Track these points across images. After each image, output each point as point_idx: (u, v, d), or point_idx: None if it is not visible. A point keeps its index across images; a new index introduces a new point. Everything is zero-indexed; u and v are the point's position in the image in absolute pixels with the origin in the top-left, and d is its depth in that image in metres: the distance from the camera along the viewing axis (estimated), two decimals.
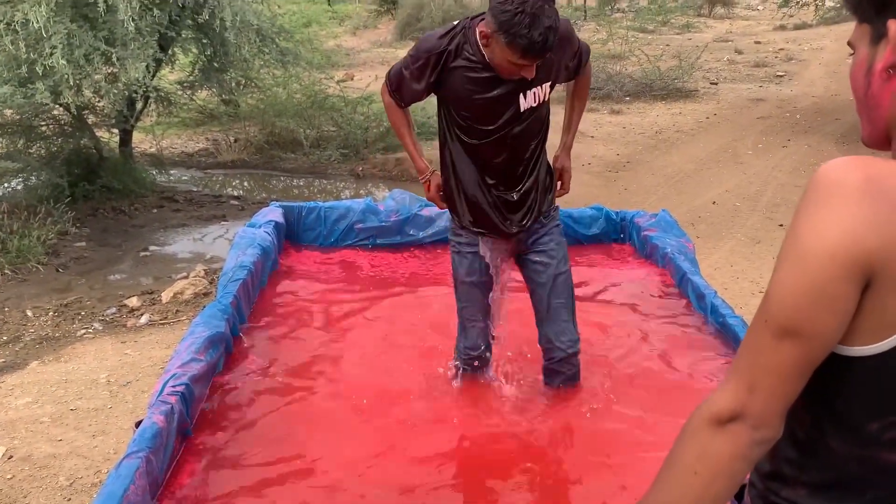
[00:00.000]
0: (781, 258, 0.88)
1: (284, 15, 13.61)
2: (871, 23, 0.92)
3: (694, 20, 26.77)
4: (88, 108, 7.63)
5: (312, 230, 4.33)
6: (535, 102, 2.36)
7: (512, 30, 2.04)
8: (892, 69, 0.90)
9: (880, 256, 0.81)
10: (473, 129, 2.40)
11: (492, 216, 2.54)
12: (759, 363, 0.90)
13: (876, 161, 0.85)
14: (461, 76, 2.30)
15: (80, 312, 5.16)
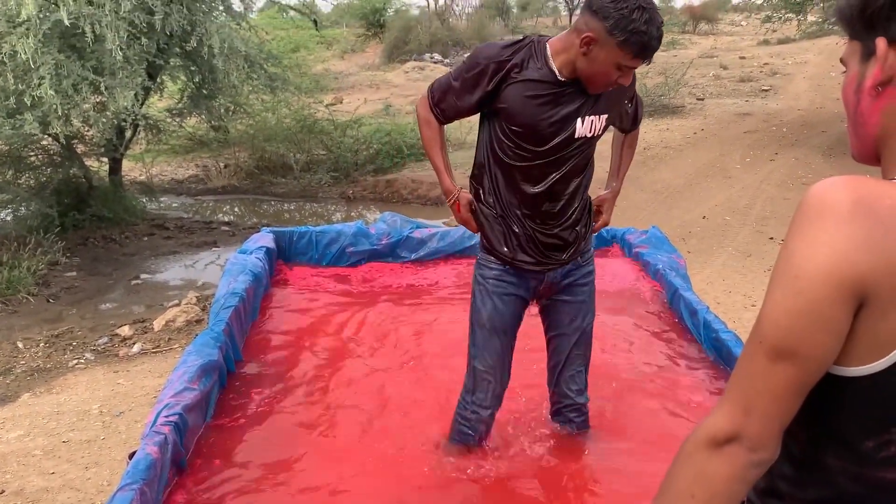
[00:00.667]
0: (774, 280, 0.88)
1: (272, 41, 13.71)
2: (862, 40, 0.93)
3: (679, 37, 27.06)
4: (77, 137, 7.64)
5: (304, 254, 4.32)
6: (590, 132, 2.23)
7: (630, 26, 1.93)
8: (881, 86, 0.91)
9: (873, 277, 0.81)
10: (522, 150, 2.23)
11: (528, 249, 2.34)
12: (754, 385, 0.89)
13: (866, 181, 0.85)
14: (522, 89, 2.17)
15: (71, 343, 5.13)
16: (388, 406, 2.98)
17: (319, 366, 3.31)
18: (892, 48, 0.88)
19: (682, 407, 2.92)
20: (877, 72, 0.90)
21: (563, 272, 2.41)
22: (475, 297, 2.43)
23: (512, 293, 2.38)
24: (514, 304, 2.40)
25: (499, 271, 2.37)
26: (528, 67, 2.17)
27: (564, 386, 2.55)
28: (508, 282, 2.37)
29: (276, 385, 3.13)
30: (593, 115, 2.21)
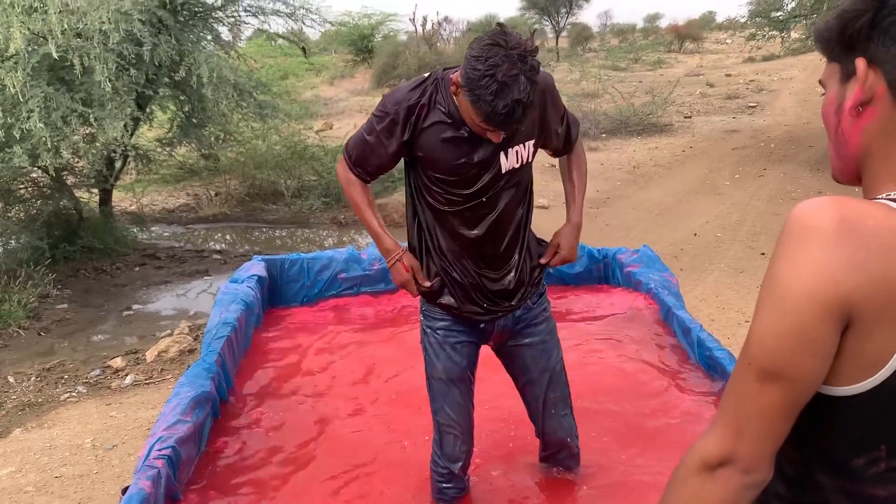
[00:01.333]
0: (761, 301, 0.88)
1: (262, 68, 13.78)
2: (841, 62, 0.94)
3: (665, 56, 27.35)
4: (67, 169, 7.63)
5: (296, 282, 4.31)
6: (518, 163, 2.08)
7: (476, 91, 1.81)
8: (861, 106, 0.92)
9: (858, 298, 0.82)
10: (450, 195, 2.09)
11: (476, 298, 2.19)
12: (745, 407, 0.89)
13: (849, 201, 0.85)
14: (436, 133, 2.02)
15: (63, 376, 5.08)
16: (382, 437, 2.96)
17: (313, 396, 3.28)
18: (871, 68, 0.90)
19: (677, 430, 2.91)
20: (857, 92, 0.91)
21: (513, 317, 2.27)
22: (426, 351, 2.30)
23: (464, 340, 2.26)
24: (467, 351, 2.28)
25: (447, 321, 2.24)
26: (436, 108, 2.03)
27: (552, 435, 2.43)
28: (458, 330, 2.25)
29: (269, 415, 3.10)
30: (517, 145, 2.06)
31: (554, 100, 2.15)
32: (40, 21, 5.82)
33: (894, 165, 0.92)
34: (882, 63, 0.89)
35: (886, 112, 0.90)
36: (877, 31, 0.88)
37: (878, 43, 0.89)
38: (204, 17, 8.29)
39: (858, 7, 0.90)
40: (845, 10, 0.92)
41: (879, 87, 0.90)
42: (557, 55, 28.61)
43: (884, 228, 0.83)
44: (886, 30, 0.88)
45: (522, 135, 2.06)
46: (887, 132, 0.91)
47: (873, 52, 0.89)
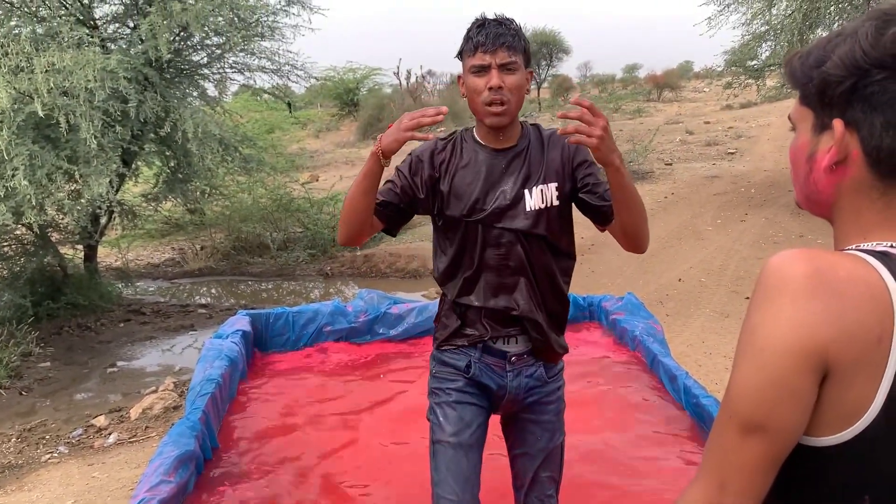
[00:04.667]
0: (740, 354, 0.89)
1: (247, 123, 13.91)
2: (815, 111, 0.95)
3: (644, 105, 27.85)
4: (51, 225, 7.62)
5: (281, 336, 4.29)
6: (543, 203, 2.00)
7: (466, 34, 1.96)
8: (835, 165, 0.94)
9: (834, 349, 0.83)
10: (471, 229, 2.03)
11: (484, 327, 2.07)
12: (727, 460, 0.89)
13: (820, 253, 0.87)
14: (466, 171, 2.03)
15: (44, 436, 5.00)
16: (373, 491, 2.92)
17: (298, 451, 3.24)
18: (848, 130, 0.92)
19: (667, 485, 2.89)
20: (833, 153, 0.93)
21: (526, 386, 2.11)
22: (434, 414, 2.12)
23: (475, 403, 2.10)
24: (478, 414, 2.11)
25: (460, 381, 2.10)
26: (462, 152, 2.06)
27: None
28: (471, 392, 2.10)
29: (254, 472, 3.06)
30: (540, 185, 2.01)
31: (586, 151, 2.04)
32: (26, 80, 5.87)
33: (863, 221, 0.94)
34: (859, 128, 0.90)
35: (858, 173, 0.92)
36: (857, 96, 0.90)
37: (856, 108, 0.90)
38: (190, 74, 8.39)
39: (841, 72, 0.90)
40: (827, 72, 0.92)
41: (854, 149, 0.91)
42: (539, 106, 29.08)
43: (855, 279, 0.85)
44: (867, 98, 0.89)
45: (539, 175, 2.01)
46: (858, 190, 0.93)
47: (851, 115, 0.91)
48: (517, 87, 1.95)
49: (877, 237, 0.93)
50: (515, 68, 1.93)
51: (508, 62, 1.91)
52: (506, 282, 2.04)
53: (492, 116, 1.94)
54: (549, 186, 2.02)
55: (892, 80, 0.87)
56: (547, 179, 2.03)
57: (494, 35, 1.91)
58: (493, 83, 1.91)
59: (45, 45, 6.35)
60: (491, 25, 1.93)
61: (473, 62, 1.93)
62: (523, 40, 1.96)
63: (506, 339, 2.08)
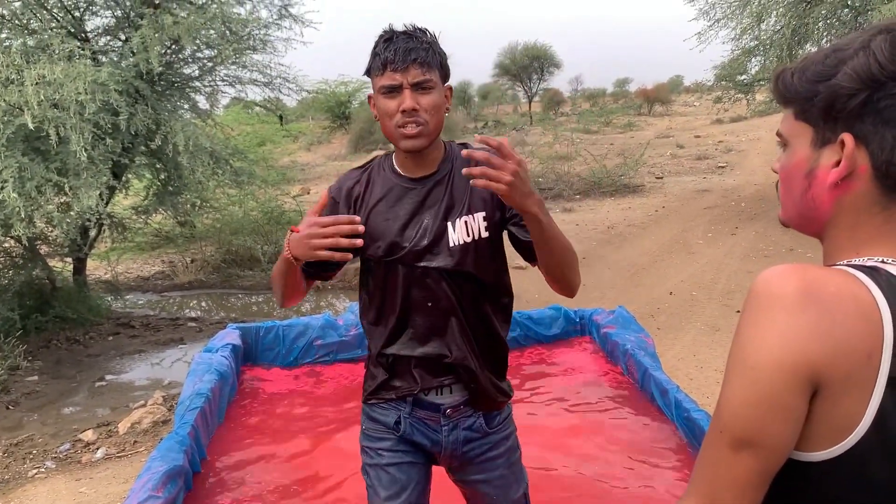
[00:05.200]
0: (730, 370, 0.89)
1: (238, 136, 13.90)
2: (815, 126, 0.95)
3: (635, 119, 28.02)
4: (40, 238, 7.57)
5: (271, 350, 4.26)
6: (469, 236, 1.78)
7: (373, 50, 1.74)
8: (841, 180, 0.93)
9: (824, 364, 0.83)
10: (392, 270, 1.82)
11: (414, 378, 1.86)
12: (717, 476, 0.89)
13: (810, 269, 0.87)
14: (381, 206, 1.83)
15: (31, 451, 4.94)
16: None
17: (287, 467, 3.22)
18: (858, 147, 0.91)
19: None
20: (843, 167, 0.92)
21: (465, 439, 1.90)
22: (368, 474, 1.93)
23: (411, 461, 1.91)
24: (417, 471, 1.92)
25: (390, 440, 1.91)
26: (379, 182, 1.85)
27: None
28: (403, 450, 1.90)
29: (243, 487, 3.03)
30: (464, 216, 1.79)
31: None
32: (16, 92, 5.85)
33: (858, 236, 0.95)
34: (869, 142, 0.90)
35: (864, 188, 0.92)
36: (868, 109, 0.89)
37: (867, 122, 0.90)
38: (181, 86, 8.39)
39: (855, 84, 0.90)
40: (839, 86, 0.91)
41: (862, 165, 0.91)
42: (531, 119, 29.20)
43: (844, 295, 0.85)
44: (880, 111, 0.89)
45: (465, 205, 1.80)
46: (859, 206, 0.94)
47: (860, 129, 0.90)
48: (434, 107, 1.73)
49: (868, 252, 0.93)
50: (431, 86, 1.72)
51: (422, 80, 1.71)
52: (436, 325, 1.82)
53: (406, 140, 1.72)
54: (474, 217, 1.80)
55: None
56: (472, 209, 1.80)
57: (404, 50, 1.69)
58: (406, 105, 1.70)
59: (36, 57, 6.34)
60: (400, 39, 1.71)
61: (383, 82, 1.72)
62: (438, 53, 1.75)
63: (438, 390, 1.87)
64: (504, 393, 1.94)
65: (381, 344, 1.87)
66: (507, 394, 1.95)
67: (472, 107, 33.72)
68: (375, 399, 1.92)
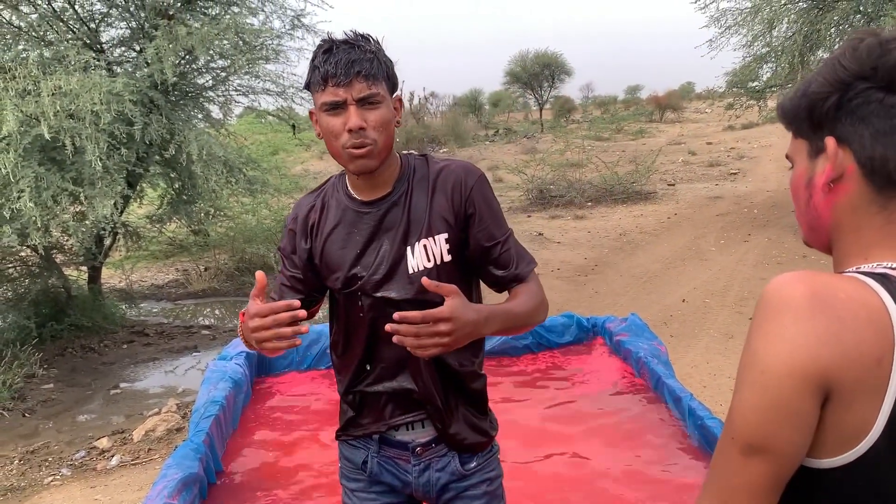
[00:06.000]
0: (741, 376, 0.90)
1: (251, 145, 13.98)
2: (809, 139, 0.99)
3: (646, 126, 27.95)
4: (56, 247, 7.64)
5: (285, 357, 4.29)
6: (430, 261, 1.63)
7: (311, 62, 1.58)
8: (832, 183, 0.96)
9: (834, 370, 0.84)
10: (353, 301, 1.69)
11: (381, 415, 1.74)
12: (730, 483, 0.90)
13: (819, 275, 0.88)
14: (336, 234, 1.69)
15: (47, 458, 4.98)
16: None
17: (304, 477, 3.23)
18: (841, 146, 0.94)
19: None
20: (829, 169, 0.95)
21: (438, 482, 1.75)
22: None
23: (387, 502, 1.82)
24: None
25: (363, 481, 1.81)
26: (332, 205, 1.72)
27: None
28: (378, 491, 1.81)
29: (258, 496, 3.05)
30: (423, 239, 1.63)
31: (482, 200, 1.66)
32: (33, 103, 5.92)
33: (864, 239, 0.96)
34: (851, 142, 0.93)
35: (856, 188, 0.94)
36: (843, 111, 0.93)
37: (845, 123, 0.93)
38: (195, 96, 8.46)
39: (826, 89, 0.94)
40: (813, 91, 0.96)
41: (849, 164, 0.94)
42: (542, 127, 29.21)
43: (854, 301, 0.86)
44: (853, 111, 0.92)
45: (423, 226, 1.64)
46: (857, 207, 0.95)
47: (841, 131, 0.94)
48: (383, 123, 1.57)
49: (877, 257, 0.94)
50: (378, 101, 1.56)
51: (368, 95, 1.54)
52: (402, 357, 1.64)
53: (355, 161, 1.57)
54: (435, 240, 1.63)
55: (873, 90, 0.91)
56: (433, 230, 1.63)
57: (346, 63, 1.52)
58: (352, 124, 1.54)
59: (52, 68, 6.41)
60: (341, 50, 1.53)
61: (324, 98, 1.55)
62: (384, 63, 1.57)
63: (409, 426, 1.73)
64: (483, 432, 1.76)
65: (349, 380, 1.74)
66: (486, 433, 1.77)
67: (484, 114, 33.76)
68: (345, 436, 1.81)
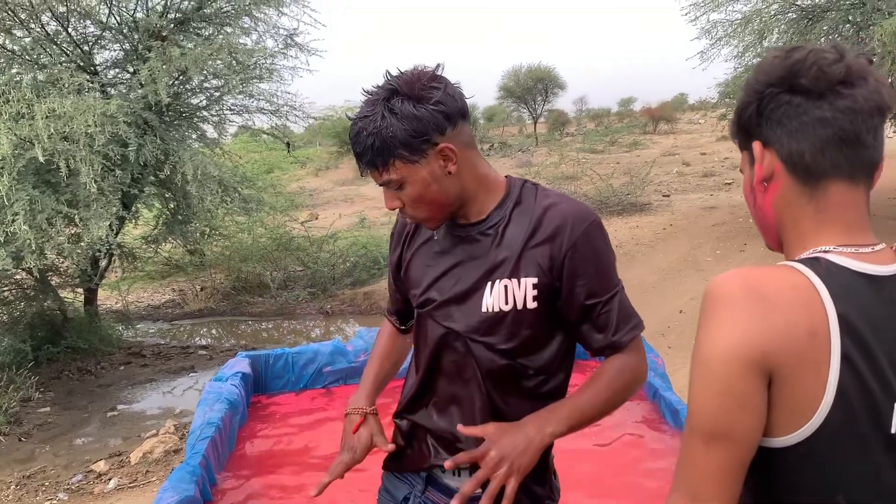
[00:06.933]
0: (693, 372, 0.96)
1: (246, 164, 14.01)
2: (747, 148, 1.09)
3: (640, 138, 28.04)
4: (51, 269, 7.63)
5: (281, 378, 4.27)
6: (507, 304, 1.45)
7: None
8: (766, 183, 1.06)
9: (771, 350, 0.91)
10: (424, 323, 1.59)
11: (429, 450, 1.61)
12: (696, 470, 0.95)
13: (753, 270, 0.97)
14: (425, 249, 1.59)
15: (43, 483, 4.95)
16: None
17: (297, 498, 3.21)
18: (767, 149, 1.04)
19: None
20: (758, 169, 1.06)
21: None
22: None
23: None
24: None
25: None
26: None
27: None
28: None
29: None
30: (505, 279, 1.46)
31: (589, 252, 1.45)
32: (27, 126, 5.93)
33: (801, 230, 1.05)
34: (773, 143, 1.03)
35: (785, 184, 1.04)
36: (763, 117, 1.03)
37: (765, 128, 1.03)
38: (189, 116, 8.48)
39: (746, 100, 1.05)
40: (739, 104, 1.08)
41: (776, 164, 1.03)
42: (536, 140, 29.31)
43: (783, 285, 0.94)
44: (770, 115, 1.02)
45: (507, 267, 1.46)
46: (790, 202, 1.04)
47: (764, 135, 1.04)
48: (416, 199, 1.45)
49: (813, 244, 1.02)
50: (400, 182, 1.43)
51: (384, 182, 1.44)
52: (458, 395, 1.54)
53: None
54: (521, 282, 1.45)
55: (782, 94, 1.01)
56: (520, 271, 1.45)
57: (357, 154, 1.44)
58: (387, 206, 1.49)
59: (46, 91, 6.43)
60: (355, 136, 1.43)
61: None
62: (390, 137, 1.38)
63: (457, 472, 1.57)
64: (537, 499, 1.54)
65: (404, 404, 1.66)
66: (539, 499, 1.55)
67: (478, 129, 33.90)
68: (391, 464, 1.70)
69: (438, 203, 1.46)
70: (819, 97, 0.98)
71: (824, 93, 0.98)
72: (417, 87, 1.39)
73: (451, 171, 1.43)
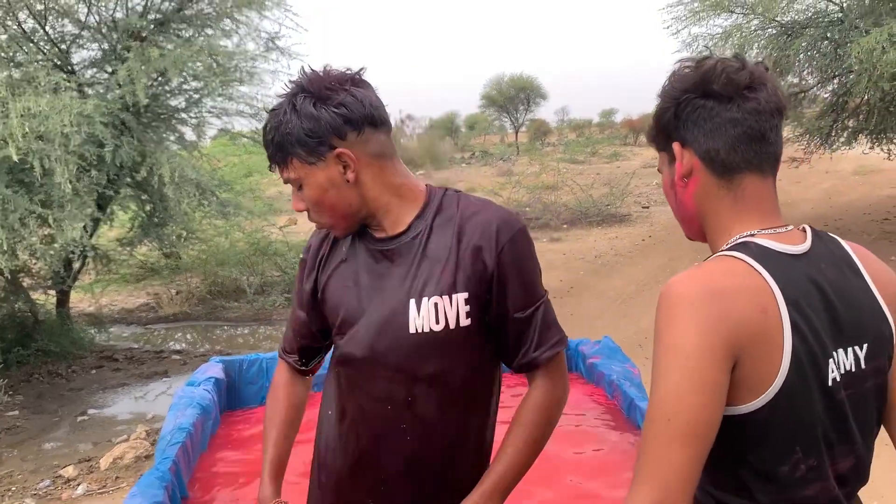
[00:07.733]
0: (663, 368, 1.01)
1: (225, 167, 13.91)
2: (666, 150, 1.19)
3: (621, 149, 28.23)
4: (23, 270, 7.51)
5: (255, 384, 4.21)
6: (438, 323, 1.34)
7: None
8: (686, 179, 1.16)
9: (734, 336, 1.00)
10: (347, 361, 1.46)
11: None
12: (668, 462, 0.99)
13: (700, 269, 1.07)
14: (342, 270, 1.47)
15: (10, 488, 4.85)
16: None
17: None
18: (685, 149, 1.15)
19: None
20: (678, 166, 1.16)
21: None
22: None
23: None
24: None
25: None
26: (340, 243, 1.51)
27: None
28: None
29: None
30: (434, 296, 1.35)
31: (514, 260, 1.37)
32: (1, 125, 5.83)
33: (722, 219, 1.15)
34: (690, 143, 1.14)
35: (704, 178, 1.15)
36: (680, 120, 1.14)
37: (682, 129, 1.15)
38: (167, 118, 8.40)
39: (664, 105, 1.16)
40: (657, 110, 1.18)
41: (694, 161, 1.14)
42: (517, 149, 29.41)
43: (728, 275, 1.05)
44: (686, 118, 1.13)
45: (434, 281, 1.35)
46: (709, 194, 1.15)
47: (682, 136, 1.15)
48: (316, 202, 1.39)
49: (736, 231, 1.13)
50: (300, 181, 1.38)
51: (287, 179, 1.40)
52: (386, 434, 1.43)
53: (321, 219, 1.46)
54: (452, 298, 1.34)
55: (697, 99, 1.12)
56: (450, 287, 1.35)
57: (268, 143, 1.39)
58: (293, 207, 1.44)
59: (22, 89, 6.33)
60: (263, 129, 1.40)
61: None
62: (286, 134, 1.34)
63: None
64: None
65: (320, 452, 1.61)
66: None
67: (459, 137, 33.95)
68: None
69: (338, 210, 1.39)
70: (729, 100, 1.10)
71: (733, 97, 1.10)
72: (322, 87, 1.34)
73: (349, 178, 1.36)
